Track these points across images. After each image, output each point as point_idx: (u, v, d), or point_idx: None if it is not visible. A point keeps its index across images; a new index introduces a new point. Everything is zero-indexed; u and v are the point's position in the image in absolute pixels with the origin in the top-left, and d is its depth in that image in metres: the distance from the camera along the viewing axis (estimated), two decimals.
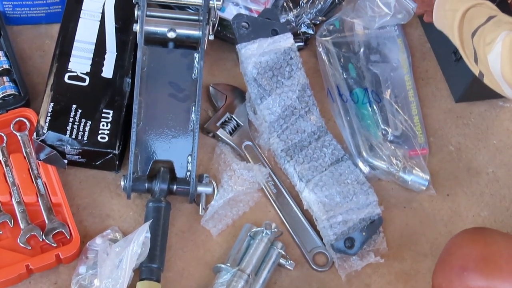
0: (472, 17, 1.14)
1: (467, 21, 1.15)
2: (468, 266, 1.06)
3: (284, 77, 1.34)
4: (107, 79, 1.32)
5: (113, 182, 1.30)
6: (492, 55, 1.06)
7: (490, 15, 1.12)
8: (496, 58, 1.05)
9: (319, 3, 1.49)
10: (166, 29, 1.32)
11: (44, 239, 1.20)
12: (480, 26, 1.11)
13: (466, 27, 1.15)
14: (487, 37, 1.08)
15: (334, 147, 1.33)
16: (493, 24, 1.10)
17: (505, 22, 1.10)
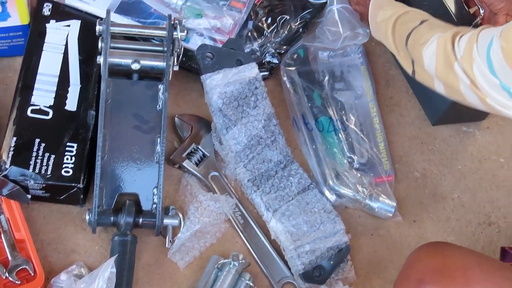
0: (405, 22, 1.18)
1: (400, 26, 1.19)
2: (425, 279, 1.07)
3: (250, 107, 1.34)
4: (71, 112, 1.31)
5: (78, 216, 1.28)
6: (427, 53, 1.09)
7: (423, 19, 1.16)
8: (432, 57, 1.08)
9: (283, 32, 1.49)
10: (130, 61, 1.31)
11: (8, 277, 1.18)
12: (414, 28, 1.14)
13: (400, 30, 1.18)
14: (421, 38, 1.12)
15: (300, 176, 1.33)
16: (426, 26, 1.14)
17: (438, 26, 1.14)
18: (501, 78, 0.98)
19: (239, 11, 1.48)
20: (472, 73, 1.01)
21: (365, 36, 1.47)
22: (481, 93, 1.02)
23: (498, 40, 0.97)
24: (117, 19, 1.43)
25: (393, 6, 1.25)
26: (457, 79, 1.04)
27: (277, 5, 1.54)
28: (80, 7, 1.45)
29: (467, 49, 1.03)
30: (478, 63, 1.00)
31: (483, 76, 1.00)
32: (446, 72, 1.06)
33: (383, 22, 1.23)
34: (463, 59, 1.03)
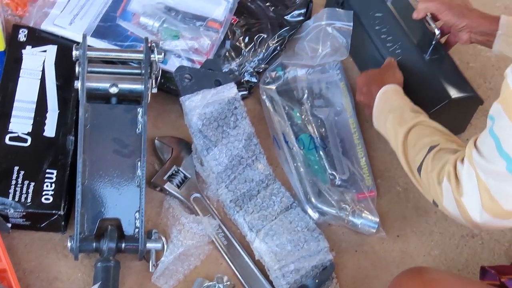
0: (414, 146, 1.13)
1: (410, 148, 1.14)
2: None
3: (230, 127, 1.34)
4: (49, 138, 1.30)
5: (59, 244, 1.27)
6: (445, 197, 1.06)
7: (431, 145, 1.11)
8: (451, 200, 1.05)
9: (261, 51, 1.50)
10: (108, 85, 1.30)
11: None
12: (423, 161, 1.10)
13: (411, 155, 1.14)
14: (433, 176, 1.08)
15: (283, 195, 1.33)
16: (434, 158, 1.09)
17: (445, 150, 1.09)
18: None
19: (216, 31, 1.48)
20: (482, 187, 0.98)
21: (343, 53, 1.48)
22: (497, 206, 0.99)
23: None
24: (94, 43, 1.43)
25: (402, 114, 1.19)
26: (469, 215, 1.02)
27: (254, 24, 1.54)
28: (56, 32, 1.45)
29: (469, 175, 1.00)
30: (483, 167, 0.98)
31: (495, 177, 0.97)
32: (461, 210, 1.04)
33: (392, 133, 1.19)
34: (467, 193, 1.01)
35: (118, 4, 1.51)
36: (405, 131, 1.16)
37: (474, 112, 1.46)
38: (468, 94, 1.37)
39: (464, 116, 1.46)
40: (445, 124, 1.41)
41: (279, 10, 1.58)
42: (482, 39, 1.35)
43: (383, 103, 1.26)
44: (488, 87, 1.58)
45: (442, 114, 1.35)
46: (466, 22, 1.33)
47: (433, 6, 1.36)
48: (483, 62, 1.62)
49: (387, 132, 1.22)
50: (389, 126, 1.20)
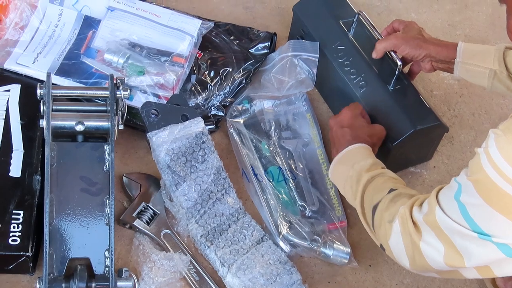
0: (375, 188, 1.16)
1: (370, 192, 1.16)
2: None
3: (198, 162, 1.33)
4: (15, 178, 1.28)
5: (28, 285, 1.24)
6: (393, 237, 1.08)
7: (392, 187, 1.14)
8: (398, 240, 1.07)
9: (226, 85, 1.50)
10: (74, 123, 1.29)
11: None
12: (380, 201, 1.12)
13: (368, 198, 1.16)
14: (386, 214, 1.10)
15: (253, 228, 1.32)
16: (392, 199, 1.11)
17: (404, 195, 1.12)
18: (482, 225, 0.96)
19: (181, 66, 1.48)
20: (445, 240, 1.00)
21: (309, 84, 1.49)
22: (460, 260, 1.00)
23: (469, 182, 0.96)
24: (58, 81, 1.43)
25: (370, 166, 1.21)
26: (424, 259, 1.04)
27: (218, 57, 1.55)
28: (19, 70, 1.44)
29: (430, 219, 1.02)
30: (448, 225, 0.99)
31: (461, 236, 0.98)
32: (413, 252, 1.05)
33: (354, 180, 1.20)
34: (427, 235, 1.02)
35: (81, 42, 1.51)
36: (369, 176, 1.17)
37: (440, 139, 1.47)
38: (433, 123, 1.39)
39: (430, 144, 1.47)
40: (412, 153, 1.43)
41: (243, 43, 1.59)
42: (443, 66, 1.38)
43: (353, 155, 1.25)
44: (453, 114, 1.60)
45: (408, 143, 1.37)
46: (425, 52, 1.36)
47: (390, 44, 1.39)
48: (446, 89, 1.64)
49: (348, 180, 1.21)
50: (352, 173, 1.20)
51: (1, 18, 1.49)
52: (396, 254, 1.09)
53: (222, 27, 1.61)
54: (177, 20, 1.54)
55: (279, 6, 1.71)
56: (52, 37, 1.50)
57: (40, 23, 1.51)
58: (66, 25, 1.52)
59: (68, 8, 1.53)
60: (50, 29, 1.51)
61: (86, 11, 1.54)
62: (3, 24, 1.49)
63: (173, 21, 1.54)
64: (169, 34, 1.52)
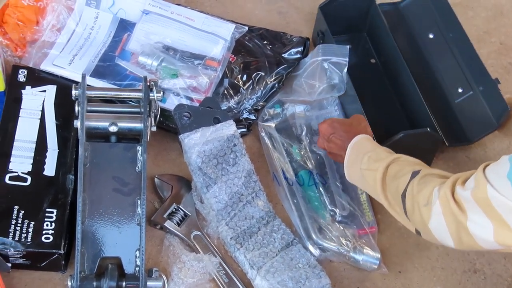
0: (395, 175, 1.14)
1: (391, 180, 1.15)
2: None
3: (229, 164, 1.34)
4: (49, 177, 1.30)
5: (60, 283, 1.26)
6: (433, 219, 1.06)
7: (414, 170, 1.12)
8: (440, 221, 1.05)
9: (259, 89, 1.51)
10: (108, 124, 1.30)
11: None
12: (407, 186, 1.11)
13: (392, 187, 1.14)
14: (419, 198, 1.08)
15: (283, 232, 1.33)
16: (420, 182, 1.10)
17: (431, 175, 1.10)
18: None
19: (214, 70, 1.49)
20: (496, 218, 0.98)
21: (340, 88, 1.49)
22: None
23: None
24: (93, 83, 1.44)
25: (379, 154, 1.20)
26: (472, 238, 1.02)
27: (251, 62, 1.55)
28: (55, 72, 1.46)
29: (479, 196, 0.99)
30: (502, 203, 0.97)
31: None
32: (459, 232, 1.03)
33: (369, 172, 1.19)
34: (474, 214, 1.00)
35: (117, 44, 1.53)
36: (384, 166, 1.16)
37: (436, 149, 1.48)
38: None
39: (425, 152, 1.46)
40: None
41: (276, 48, 1.59)
42: None
43: (357, 150, 1.25)
44: None
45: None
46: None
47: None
48: None
49: (363, 174, 1.20)
50: (364, 166, 1.20)
51: (38, 20, 1.52)
52: (438, 236, 1.07)
53: (256, 32, 1.62)
54: (211, 24, 1.55)
55: (313, 11, 1.71)
56: (88, 39, 1.52)
57: (76, 26, 1.54)
58: (101, 28, 1.54)
59: (104, 11, 1.55)
60: (86, 31, 1.54)
61: (122, 14, 1.56)
62: (40, 26, 1.51)
63: (207, 25, 1.55)
64: (202, 38, 1.53)
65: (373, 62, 1.65)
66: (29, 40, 1.51)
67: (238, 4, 1.75)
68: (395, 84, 1.58)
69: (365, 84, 1.56)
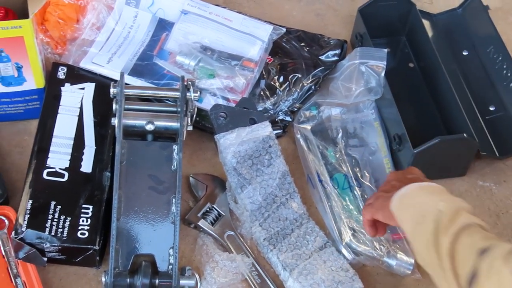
0: (463, 252, 0.96)
1: (459, 253, 0.96)
2: None
3: (264, 165, 1.34)
4: (86, 173, 1.31)
5: (94, 278, 1.27)
6: None
7: (484, 248, 0.93)
8: None
9: (295, 90, 1.51)
10: (145, 122, 1.31)
11: None
12: (479, 269, 0.92)
13: (458, 263, 0.96)
14: None
15: (317, 234, 1.32)
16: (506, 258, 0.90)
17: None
18: None
19: (251, 71, 1.49)
20: None
21: (377, 91, 1.48)
22: None
23: None
24: (131, 81, 1.46)
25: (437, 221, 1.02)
26: None
27: (288, 63, 1.55)
28: (94, 69, 1.47)
29: None
30: None
31: None
32: None
33: (428, 235, 1.02)
34: None
35: (155, 43, 1.54)
36: (453, 235, 0.99)
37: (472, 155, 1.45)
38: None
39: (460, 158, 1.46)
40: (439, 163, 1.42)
41: (313, 50, 1.59)
42: None
43: (419, 198, 1.11)
44: None
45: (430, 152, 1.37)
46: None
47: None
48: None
49: (422, 229, 1.04)
50: (427, 222, 1.03)
51: (79, 19, 1.53)
52: None
53: (293, 34, 1.62)
54: (249, 25, 1.55)
55: (351, 14, 1.70)
56: (127, 38, 1.54)
57: (116, 24, 1.55)
58: (140, 27, 1.55)
59: (144, 10, 1.57)
60: (125, 30, 1.55)
61: (161, 14, 1.57)
62: (80, 24, 1.53)
63: (245, 26, 1.55)
64: (240, 39, 1.53)
65: (411, 66, 1.64)
66: (69, 38, 1.52)
67: (276, 6, 1.75)
68: (432, 89, 1.57)
69: (402, 88, 1.56)
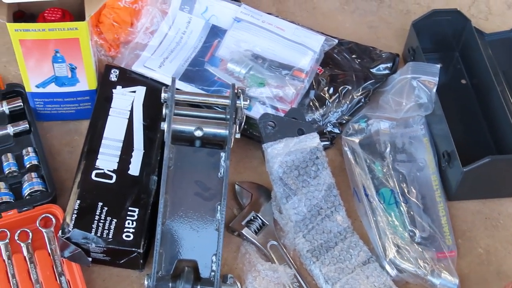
0: None
1: None
2: None
3: (310, 177, 1.34)
4: (133, 176, 1.32)
5: (136, 281, 1.28)
6: None
7: None
8: None
9: (345, 102, 1.50)
10: (193, 128, 1.32)
11: None
12: None
13: None
14: None
15: (360, 249, 1.31)
16: None
17: None
18: None
19: (301, 81, 1.49)
20: None
21: (428, 107, 1.46)
22: None
23: None
24: (181, 86, 1.46)
25: None
26: None
27: (339, 75, 1.55)
28: (146, 73, 1.49)
29: None
30: None
31: None
32: None
33: None
34: None
35: (207, 50, 1.54)
36: None
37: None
38: None
39: None
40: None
41: (365, 62, 1.58)
42: None
43: None
44: None
45: None
46: None
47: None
48: None
49: None
50: None
51: (133, 22, 1.55)
52: None
53: (345, 45, 1.61)
54: (301, 35, 1.55)
55: (404, 27, 1.69)
56: (179, 44, 1.55)
57: (169, 29, 1.56)
58: (193, 33, 1.57)
59: (197, 16, 1.58)
60: (178, 35, 1.56)
61: (214, 21, 1.58)
62: (134, 28, 1.55)
63: (297, 35, 1.55)
64: (292, 48, 1.53)
65: (464, 83, 1.62)
66: (123, 41, 1.54)
67: (328, 16, 1.75)
68: (484, 107, 1.55)
69: (453, 105, 1.54)
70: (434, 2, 1.79)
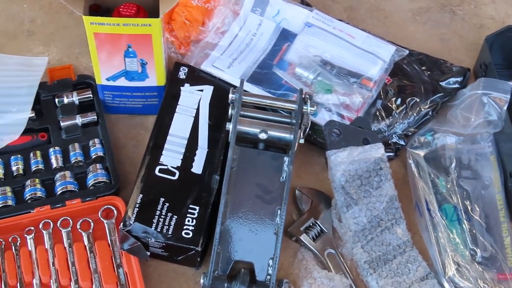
0: None
1: None
2: None
3: (373, 187, 1.32)
4: (196, 174, 1.33)
5: (192, 278, 1.29)
6: None
7: None
8: None
9: (412, 114, 1.48)
10: (258, 130, 1.32)
11: None
12: None
13: None
14: None
15: (419, 264, 1.29)
16: None
17: None
18: None
19: (369, 90, 1.48)
20: None
21: (497, 125, 1.43)
22: None
23: None
24: (249, 88, 1.47)
25: None
26: None
27: (407, 86, 1.53)
28: (214, 73, 1.50)
29: None
30: None
31: None
32: None
33: None
34: None
35: (275, 53, 1.55)
36: None
37: None
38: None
39: None
40: None
41: (434, 75, 1.56)
42: None
43: None
44: None
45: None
46: None
47: None
48: None
49: None
50: None
51: (204, 21, 1.56)
52: None
53: (415, 56, 1.59)
54: (371, 44, 1.54)
55: (477, 41, 1.66)
56: (249, 45, 1.55)
57: (239, 30, 1.57)
58: (263, 35, 1.57)
59: (268, 19, 1.58)
60: (248, 37, 1.57)
61: (285, 24, 1.58)
62: (205, 27, 1.56)
63: (368, 44, 1.54)
64: (361, 57, 1.52)
65: None
66: (193, 39, 1.56)
67: (400, 26, 1.73)
68: None
69: None
70: (510, 17, 1.76)
